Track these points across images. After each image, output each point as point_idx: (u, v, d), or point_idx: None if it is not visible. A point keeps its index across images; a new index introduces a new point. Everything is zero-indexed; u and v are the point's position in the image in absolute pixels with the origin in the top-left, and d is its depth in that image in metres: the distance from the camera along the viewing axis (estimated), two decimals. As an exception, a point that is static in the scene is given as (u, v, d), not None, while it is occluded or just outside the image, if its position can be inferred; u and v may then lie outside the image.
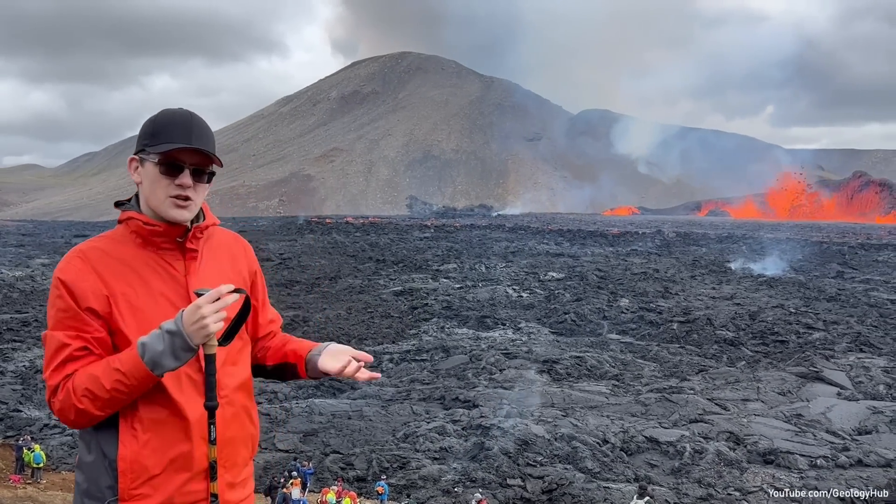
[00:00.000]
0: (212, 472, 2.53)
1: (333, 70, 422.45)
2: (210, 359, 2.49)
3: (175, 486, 2.50)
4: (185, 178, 2.59)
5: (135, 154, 2.64)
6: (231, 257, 2.81)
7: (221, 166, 2.72)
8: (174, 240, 2.63)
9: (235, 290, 2.47)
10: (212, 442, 2.52)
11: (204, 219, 2.75)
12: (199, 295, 2.43)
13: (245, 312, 2.58)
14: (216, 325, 2.40)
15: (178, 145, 2.55)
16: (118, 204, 2.72)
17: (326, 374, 2.79)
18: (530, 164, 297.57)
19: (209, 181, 2.69)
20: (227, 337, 2.54)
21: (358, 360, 2.79)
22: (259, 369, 2.96)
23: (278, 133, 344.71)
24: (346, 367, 2.75)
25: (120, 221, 2.67)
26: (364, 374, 2.80)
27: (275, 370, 2.94)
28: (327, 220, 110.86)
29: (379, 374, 2.89)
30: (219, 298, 2.41)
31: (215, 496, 2.53)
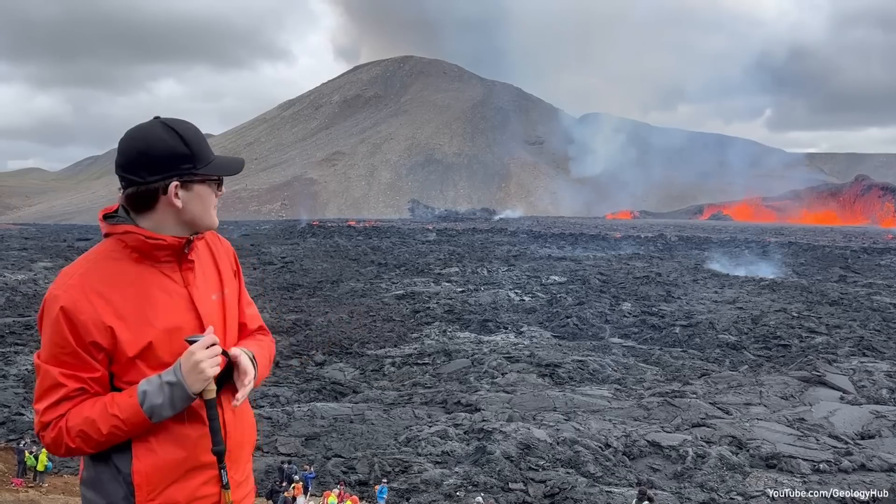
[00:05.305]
0: None
1: (336, 75, 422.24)
2: (211, 403, 2.48)
3: (189, 491, 2.52)
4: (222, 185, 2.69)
5: (173, 180, 2.48)
6: (214, 259, 2.78)
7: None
8: (176, 252, 2.57)
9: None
10: (224, 487, 2.55)
11: None
12: (190, 343, 2.43)
13: (229, 369, 2.58)
14: (213, 370, 2.43)
15: (236, 164, 2.67)
16: (108, 217, 2.57)
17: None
18: (532, 167, 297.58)
19: None
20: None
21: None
22: None
23: (281, 137, 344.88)
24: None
25: (108, 234, 2.55)
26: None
27: None
28: (329, 224, 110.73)
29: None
30: (212, 345, 2.46)
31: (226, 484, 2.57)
